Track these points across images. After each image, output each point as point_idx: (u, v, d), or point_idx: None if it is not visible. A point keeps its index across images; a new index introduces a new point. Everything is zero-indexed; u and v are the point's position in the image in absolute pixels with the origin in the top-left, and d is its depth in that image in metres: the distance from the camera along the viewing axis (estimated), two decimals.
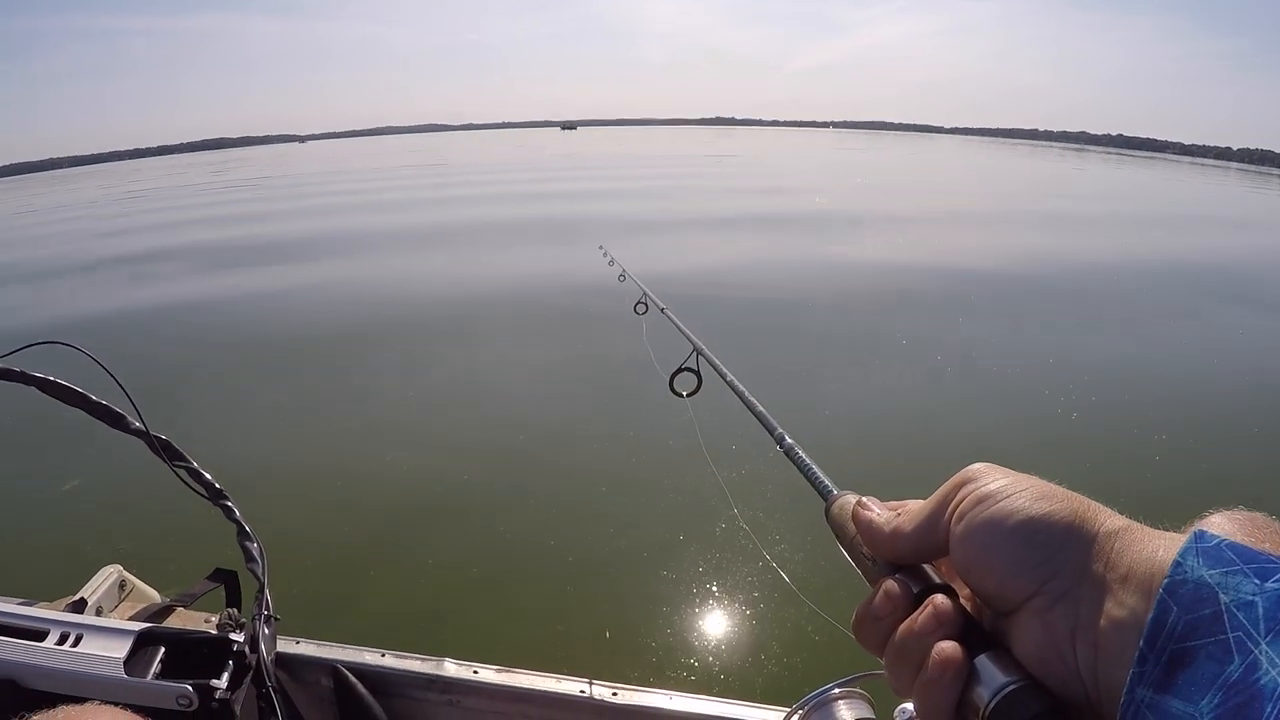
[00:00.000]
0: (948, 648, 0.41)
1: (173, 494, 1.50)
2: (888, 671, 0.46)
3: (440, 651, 1.46)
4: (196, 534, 3.29)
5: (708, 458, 1.47)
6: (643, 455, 4.83)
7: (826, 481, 0.61)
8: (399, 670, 1.42)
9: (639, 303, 2.21)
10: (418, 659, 1.44)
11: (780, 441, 0.76)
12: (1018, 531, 0.41)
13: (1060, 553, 0.40)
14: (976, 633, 0.43)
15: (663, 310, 1.89)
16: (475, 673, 1.41)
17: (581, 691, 1.36)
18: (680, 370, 1.40)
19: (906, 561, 0.48)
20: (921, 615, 0.43)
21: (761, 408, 0.87)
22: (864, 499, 0.53)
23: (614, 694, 1.35)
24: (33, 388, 1.43)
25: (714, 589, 3.43)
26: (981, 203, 22.20)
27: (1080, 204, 22.55)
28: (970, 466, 0.46)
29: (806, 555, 3.43)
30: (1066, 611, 0.39)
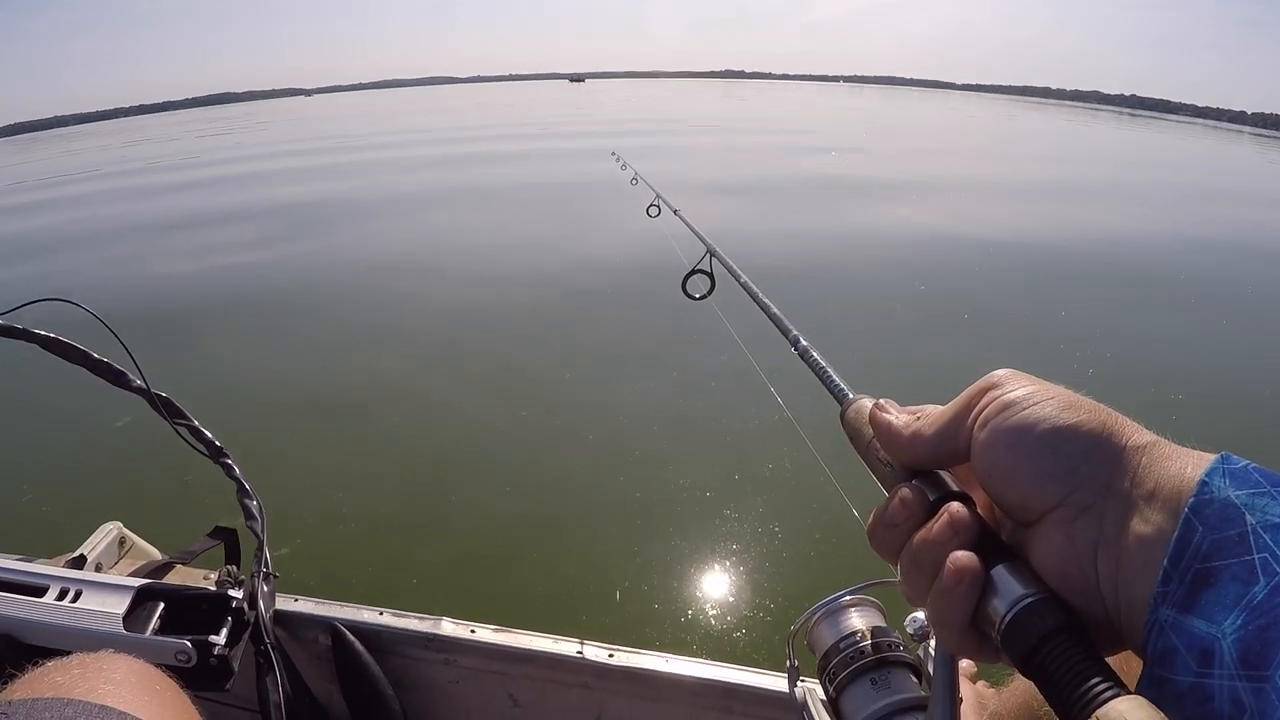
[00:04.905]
0: (962, 557, 0.40)
1: (174, 451, 1.50)
2: (902, 580, 0.45)
3: (441, 611, 1.47)
4: (197, 491, 3.32)
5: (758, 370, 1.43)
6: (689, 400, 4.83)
7: (842, 384, 0.59)
8: (397, 629, 1.43)
9: (651, 205, 2.19)
10: (415, 618, 1.45)
11: (795, 344, 0.74)
12: (1044, 440, 0.40)
13: (1086, 465, 0.39)
14: (994, 543, 0.41)
15: (675, 212, 1.85)
16: (472, 632, 1.42)
17: (578, 652, 1.37)
18: (693, 273, 1.37)
19: (924, 467, 0.46)
20: (937, 523, 0.42)
21: (776, 309, 0.85)
22: (882, 401, 0.51)
23: (610, 655, 1.37)
24: (34, 345, 1.43)
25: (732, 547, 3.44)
26: (1009, 165, 21.78)
27: (1098, 169, 22.21)
28: (994, 372, 0.45)
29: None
30: (1090, 525, 0.38)
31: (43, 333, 1.42)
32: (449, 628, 1.43)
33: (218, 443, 1.48)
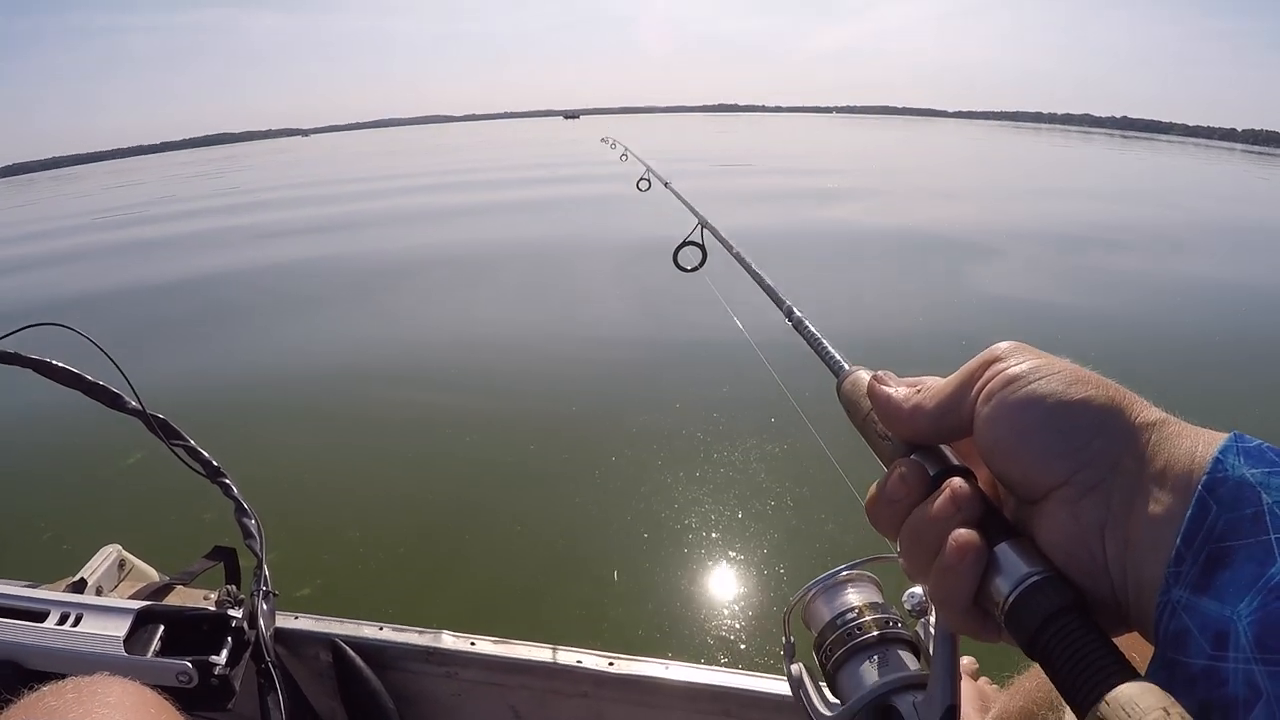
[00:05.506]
0: (965, 534, 0.39)
1: (172, 473, 1.50)
2: (902, 556, 0.43)
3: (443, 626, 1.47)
4: (196, 512, 3.31)
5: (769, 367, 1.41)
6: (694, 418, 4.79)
7: (838, 356, 0.58)
8: (397, 643, 1.43)
9: (641, 179, 2.17)
10: (415, 631, 1.45)
11: (789, 315, 0.73)
12: (1050, 416, 0.38)
13: (1094, 441, 0.37)
14: (997, 520, 0.40)
15: (666, 185, 1.83)
16: (472, 644, 1.42)
17: (577, 661, 1.37)
18: (684, 244, 1.36)
19: (924, 441, 0.45)
20: (938, 499, 0.41)
21: (769, 280, 0.84)
22: (880, 372, 0.49)
23: (610, 664, 1.36)
24: (29, 370, 1.44)
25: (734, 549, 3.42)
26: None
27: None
28: (998, 344, 0.43)
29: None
30: (1097, 503, 0.37)
31: (36, 357, 1.42)
32: (449, 640, 1.43)
33: (215, 463, 1.48)
